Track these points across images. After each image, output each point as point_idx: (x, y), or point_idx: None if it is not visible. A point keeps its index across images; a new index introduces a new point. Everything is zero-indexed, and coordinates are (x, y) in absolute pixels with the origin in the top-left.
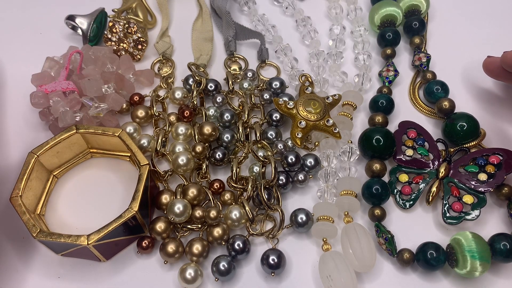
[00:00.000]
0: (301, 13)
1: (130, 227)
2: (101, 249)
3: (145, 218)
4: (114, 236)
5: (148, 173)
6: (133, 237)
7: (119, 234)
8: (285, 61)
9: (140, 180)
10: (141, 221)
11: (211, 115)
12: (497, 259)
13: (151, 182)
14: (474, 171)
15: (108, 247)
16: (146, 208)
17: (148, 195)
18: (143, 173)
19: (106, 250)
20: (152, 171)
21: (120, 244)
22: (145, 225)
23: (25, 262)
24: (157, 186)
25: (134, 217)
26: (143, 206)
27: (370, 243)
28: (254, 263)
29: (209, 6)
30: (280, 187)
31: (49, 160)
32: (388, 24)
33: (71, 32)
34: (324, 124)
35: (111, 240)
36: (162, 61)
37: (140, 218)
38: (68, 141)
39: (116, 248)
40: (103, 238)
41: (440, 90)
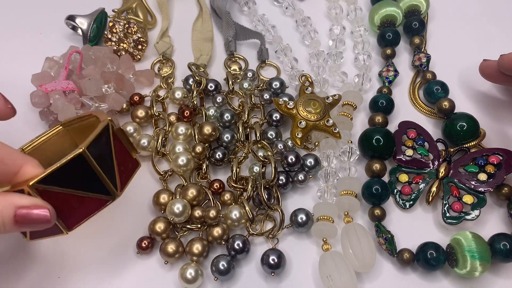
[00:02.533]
0: (301, 13)
1: (85, 178)
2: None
3: (111, 180)
4: (64, 185)
5: (109, 129)
6: (93, 197)
7: (71, 184)
8: (285, 61)
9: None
10: (100, 175)
11: (211, 115)
12: (497, 259)
13: (119, 146)
14: (474, 171)
15: (63, 205)
16: (111, 171)
17: (114, 159)
18: (102, 124)
19: (62, 211)
20: (122, 134)
21: (77, 204)
22: (111, 186)
23: (25, 262)
24: (133, 159)
25: (87, 165)
26: (104, 163)
27: (370, 243)
28: (254, 263)
29: (209, 6)
30: (280, 187)
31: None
32: (388, 24)
33: (71, 32)
34: (324, 124)
35: (62, 191)
36: (162, 61)
37: (98, 169)
38: (58, 145)
39: (75, 211)
40: (49, 181)
41: (440, 90)
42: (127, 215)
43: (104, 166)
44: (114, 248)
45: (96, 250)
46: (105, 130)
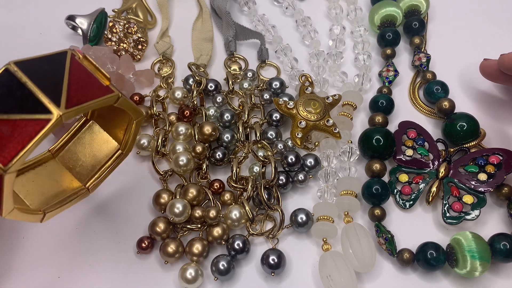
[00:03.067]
0: (301, 13)
1: (14, 97)
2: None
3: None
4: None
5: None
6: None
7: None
8: (285, 61)
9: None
10: (32, 88)
11: (211, 115)
12: (497, 259)
13: (81, 71)
14: (474, 171)
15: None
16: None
17: (66, 78)
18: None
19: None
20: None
21: (9, 131)
22: (48, 100)
23: (25, 262)
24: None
25: (16, 81)
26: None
27: (370, 243)
28: (254, 263)
29: (209, 6)
30: (280, 187)
31: (26, 190)
32: (388, 24)
33: (71, 32)
34: (324, 124)
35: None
36: (162, 61)
37: (29, 82)
38: (87, 141)
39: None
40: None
41: (440, 90)
42: (127, 215)
43: (43, 81)
44: (114, 248)
45: (96, 250)
46: (58, 55)
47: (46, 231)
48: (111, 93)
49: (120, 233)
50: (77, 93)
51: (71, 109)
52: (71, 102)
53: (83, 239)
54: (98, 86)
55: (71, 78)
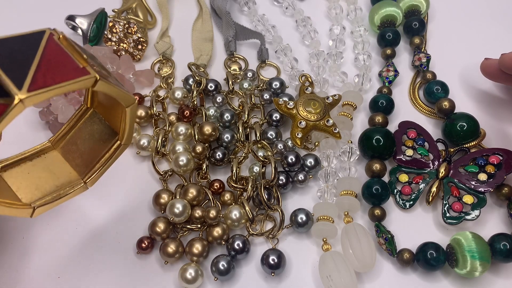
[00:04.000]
0: (301, 13)
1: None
2: None
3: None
4: None
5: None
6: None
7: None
8: (285, 61)
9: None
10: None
11: (211, 115)
12: (497, 259)
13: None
14: (474, 171)
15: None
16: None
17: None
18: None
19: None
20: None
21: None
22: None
23: (25, 262)
24: (81, 69)
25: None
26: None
27: (370, 243)
28: (254, 263)
29: (209, 6)
30: (280, 187)
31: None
32: (388, 24)
33: (71, 32)
34: (324, 124)
35: None
36: (162, 61)
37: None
38: (88, 131)
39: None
40: None
41: (440, 90)
42: (127, 215)
43: (9, 63)
44: (114, 248)
45: (96, 250)
46: (34, 35)
47: (46, 231)
48: (87, 74)
49: (120, 233)
50: (45, 75)
51: (34, 92)
52: (36, 84)
53: (83, 239)
54: (74, 67)
55: (42, 59)
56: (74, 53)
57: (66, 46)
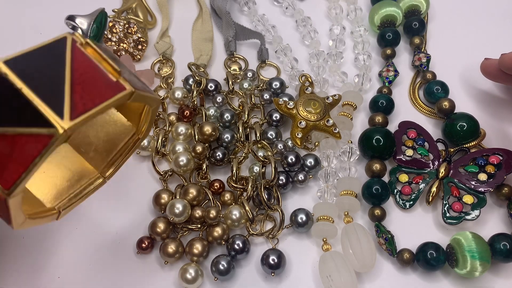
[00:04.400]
0: (301, 13)
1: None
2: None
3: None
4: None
5: (65, 44)
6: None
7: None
8: (285, 61)
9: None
10: (29, 97)
11: (211, 115)
12: (497, 259)
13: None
14: (474, 171)
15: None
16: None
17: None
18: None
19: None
20: (94, 51)
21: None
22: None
23: (25, 262)
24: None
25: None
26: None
27: (370, 243)
28: (254, 263)
29: (209, 6)
30: (280, 187)
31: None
32: (388, 24)
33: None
34: (324, 124)
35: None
36: (162, 61)
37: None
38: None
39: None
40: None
41: (440, 90)
42: (127, 215)
43: (41, 86)
44: (114, 248)
45: (96, 250)
46: (58, 44)
47: (46, 231)
48: (123, 90)
49: (120, 233)
50: (83, 97)
51: (77, 120)
52: (77, 110)
53: (83, 239)
54: (107, 82)
55: (74, 75)
56: (103, 62)
57: (92, 54)
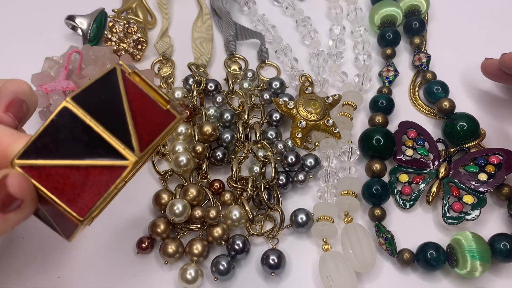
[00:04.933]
0: (301, 13)
1: (81, 140)
2: (53, 183)
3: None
4: (57, 154)
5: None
6: (100, 166)
7: (65, 151)
8: (285, 61)
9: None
10: (100, 131)
11: (211, 115)
12: (497, 259)
13: (138, 95)
14: (474, 171)
15: (64, 183)
16: (121, 126)
17: (127, 110)
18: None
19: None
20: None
21: (82, 179)
22: (121, 145)
23: (25, 262)
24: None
25: (79, 121)
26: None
27: (370, 243)
28: (254, 263)
29: (209, 6)
30: (280, 187)
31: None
32: (388, 24)
33: (71, 32)
34: (324, 124)
35: (56, 164)
36: (162, 61)
37: (95, 124)
38: None
39: (81, 191)
40: (34, 153)
41: (440, 90)
42: (127, 215)
43: (109, 120)
44: (114, 248)
45: (96, 250)
46: (110, 76)
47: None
48: (174, 119)
49: (120, 233)
50: (145, 128)
51: (145, 151)
52: (143, 141)
53: (83, 239)
54: (159, 111)
55: (132, 107)
56: (151, 91)
57: (139, 83)
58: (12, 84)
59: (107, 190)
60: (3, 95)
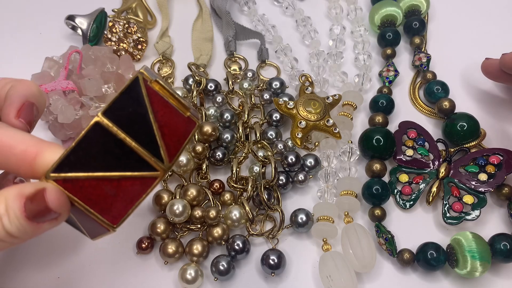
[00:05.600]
0: (301, 13)
1: (114, 154)
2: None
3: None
4: (90, 167)
5: (140, 84)
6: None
7: (98, 164)
8: (285, 61)
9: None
10: (132, 145)
11: (211, 115)
12: (497, 259)
13: (161, 104)
14: (474, 171)
15: (97, 195)
16: (149, 138)
17: (153, 121)
18: (128, 80)
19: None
20: (163, 89)
21: (114, 190)
22: (152, 158)
23: (25, 262)
24: (186, 118)
25: (111, 136)
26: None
27: (370, 243)
28: (254, 263)
29: (209, 6)
30: (280, 187)
31: None
32: (388, 24)
33: (71, 32)
34: (324, 124)
35: (89, 176)
36: (162, 61)
37: (127, 139)
38: None
39: (114, 201)
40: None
41: (440, 90)
42: None
43: (138, 133)
44: (114, 248)
45: (96, 250)
46: (134, 86)
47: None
48: (194, 125)
49: (120, 233)
50: (171, 139)
51: (173, 161)
52: (171, 152)
53: (83, 239)
54: (181, 119)
55: (157, 117)
56: (171, 99)
57: (160, 91)
58: (21, 87)
59: (138, 199)
60: (14, 99)
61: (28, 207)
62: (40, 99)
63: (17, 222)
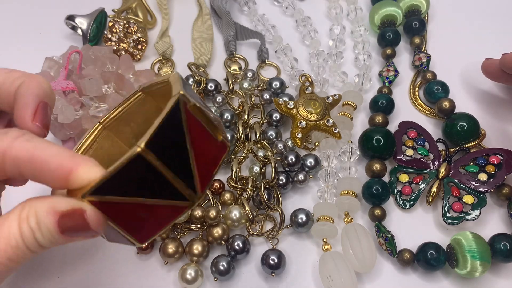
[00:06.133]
0: (301, 13)
1: (150, 183)
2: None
3: (185, 180)
4: (125, 193)
5: (180, 108)
6: (165, 205)
7: (133, 191)
8: (285, 61)
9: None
10: (169, 177)
11: None
12: (497, 259)
13: (197, 129)
14: (474, 171)
15: (129, 216)
16: (186, 167)
17: (190, 149)
18: (170, 103)
19: (129, 223)
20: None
21: (146, 214)
22: (186, 189)
23: None
24: (219, 142)
25: (150, 167)
26: (175, 159)
27: (370, 243)
28: (254, 263)
29: (209, 6)
30: (280, 187)
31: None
32: (388, 24)
33: (71, 32)
34: (324, 124)
35: (124, 200)
36: (162, 61)
37: (166, 171)
38: (141, 113)
39: (144, 223)
40: (104, 190)
41: (440, 90)
42: None
43: (175, 164)
44: (114, 248)
45: (96, 250)
46: (175, 111)
47: None
48: (225, 149)
49: None
50: (206, 168)
51: (204, 190)
52: (204, 182)
53: None
54: (215, 145)
55: (194, 147)
56: (207, 123)
57: (196, 114)
58: (33, 84)
59: (168, 224)
60: (27, 100)
61: (62, 223)
62: (52, 98)
63: (50, 236)
